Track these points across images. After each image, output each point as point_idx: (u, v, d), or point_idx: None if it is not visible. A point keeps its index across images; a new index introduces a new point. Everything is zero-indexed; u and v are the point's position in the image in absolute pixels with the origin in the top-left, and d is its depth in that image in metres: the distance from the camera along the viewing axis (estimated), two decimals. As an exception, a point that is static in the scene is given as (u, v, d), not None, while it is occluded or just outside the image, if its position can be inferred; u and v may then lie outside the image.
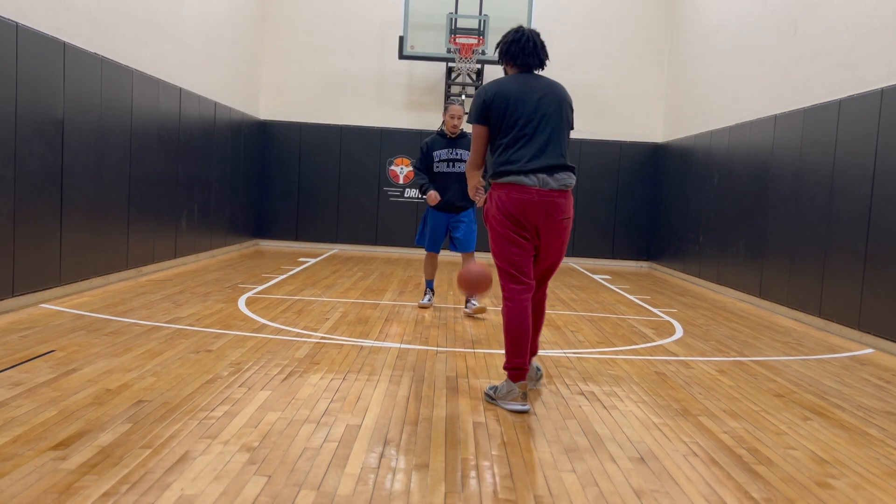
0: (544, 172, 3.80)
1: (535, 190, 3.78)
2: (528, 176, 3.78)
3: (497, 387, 3.99)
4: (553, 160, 3.83)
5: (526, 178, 3.78)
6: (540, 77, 4.01)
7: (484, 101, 3.88)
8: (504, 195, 3.82)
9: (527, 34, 3.96)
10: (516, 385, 3.85)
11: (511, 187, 3.80)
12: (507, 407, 3.85)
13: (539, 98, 3.88)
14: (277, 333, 5.51)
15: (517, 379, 3.85)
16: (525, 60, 3.96)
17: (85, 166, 6.93)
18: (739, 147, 9.57)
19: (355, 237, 13.36)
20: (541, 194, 3.79)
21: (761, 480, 3.04)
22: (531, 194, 3.78)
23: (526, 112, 3.84)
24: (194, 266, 9.51)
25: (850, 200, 6.86)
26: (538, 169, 3.79)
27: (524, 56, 3.95)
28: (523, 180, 3.78)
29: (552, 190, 3.81)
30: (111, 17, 7.50)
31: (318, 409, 3.69)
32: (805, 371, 5.23)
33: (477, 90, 3.97)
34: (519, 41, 3.94)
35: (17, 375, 3.98)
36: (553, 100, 3.92)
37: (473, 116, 3.95)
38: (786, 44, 8.55)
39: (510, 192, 3.80)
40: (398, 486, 2.79)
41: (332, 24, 13.22)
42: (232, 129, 11.36)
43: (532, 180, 3.78)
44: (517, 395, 3.85)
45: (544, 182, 3.79)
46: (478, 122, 3.93)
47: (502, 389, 3.92)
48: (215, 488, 2.66)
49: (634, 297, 8.92)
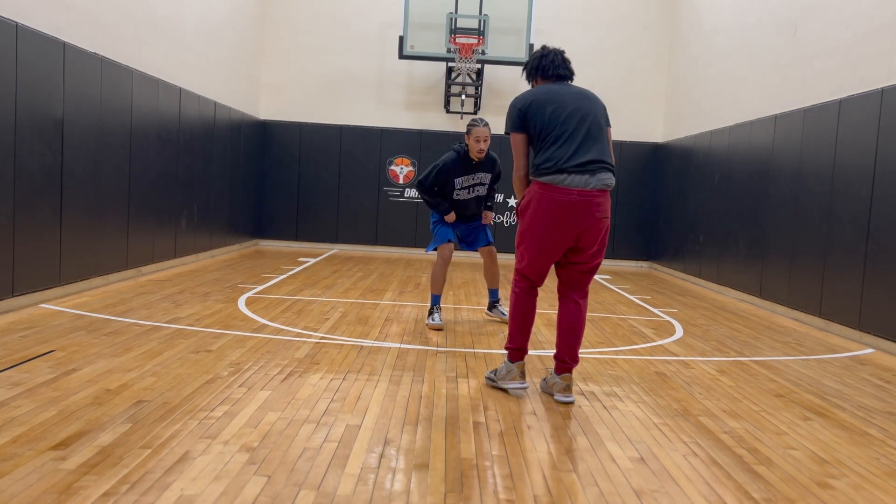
0: (587, 171, 3.82)
1: (576, 191, 3.80)
2: (570, 175, 3.80)
3: (497, 370, 4.27)
4: (596, 156, 3.86)
5: (568, 178, 3.80)
6: (571, 84, 4.14)
7: (520, 110, 3.95)
8: (546, 196, 3.83)
9: (553, 50, 4.16)
10: (515, 365, 4.11)
11: (552, 188, 3.82)
12: (507, 386, 4.12)
13: (575, 99, 3.97)
14: (277, 333, 5.51)
15: (517, 359, 4.11)
16: (556, 71, 4.12)
17: (85, 166, 6.93)
18: (739, 147, 9.57)
19: (355, 237, 13.36)
20: (582, 195, 3.81)
21: (761, 480, 3.04)
22: (572, 195, 3.80)
23: (564, 113, 3.89)
24: (194, 266, 9.51)
25: (850, 200, 6.86)
26: (581, 165, 3.81)
27: (554, 67, 4.11)
28: (565, 181, 3.80)
29: (593, 190, 3.83)
30: (111, 17, 7.50)
31: (318, 409, 3.69)
32: (805, 371, 5.23)
33: (511, 103, 4.06)
34: (548, 56, 4.13)
35: (17, 375, 3.98)
36: (587, 101, 4.01)
37: (511, 126, 4.00)
38: (786, 44, 8.55)
39: (552, 193, 3.82)
40: (398, 486, 2.79)
41: (332, 24, 13.22)
42: (232, 129, 11.36)
43: (573, 180, 3.80)
44: (516, 374, 4.12)
45: (586, 182, 3.81)
46: (515, 130, 3.98)
47: (502, 370, 4.18)
48: (215, 488, 2.66)
49: (634, 297, 8.92)
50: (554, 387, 4.09)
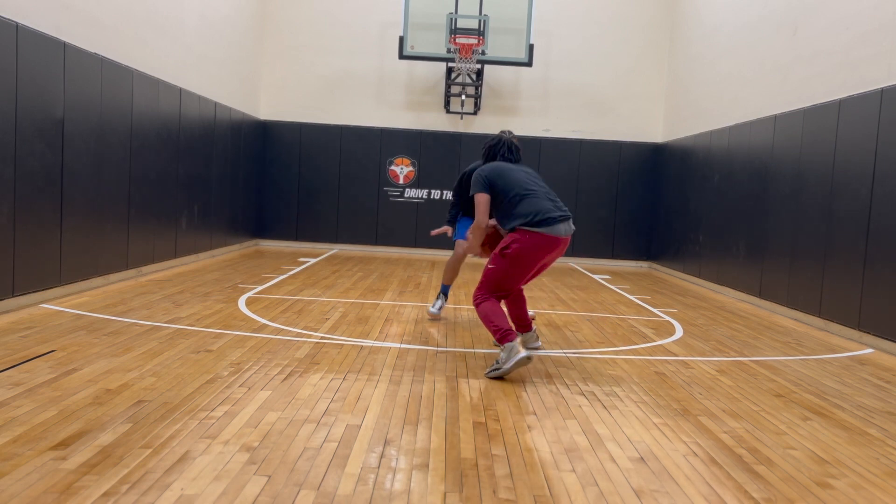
0: (566, 222, 4.70)
1: (561, 239, 4.68)
2: (556, 225, 4.63)
3: (496, 361, 4.50)
4: (565, 210, 4.77)
5: (556, 227, 4.62)
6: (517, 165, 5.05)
7: (486, 177, 4.78)
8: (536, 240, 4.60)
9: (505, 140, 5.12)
10: (514, 343, 4.41)
11: (542, 236, 4.61)
12: (513, 362, 4.34)
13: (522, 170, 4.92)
14: (277, 333, 5.51)
15: (511, 338, 4.44)
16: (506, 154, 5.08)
17: (85, 166, 6.93)
18: (739, 147, 9.57)
19: (355, 237, 13.36)
20: (564, 241, 4.71)
21: (761, 480, 3.04)
22: (558, 242, 4.66)
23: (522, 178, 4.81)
24: (194, 266, 9.51)
25: (850, 200, 6.86)
26: (561, 217, 4.67)
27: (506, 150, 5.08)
28: (553, 230, 4.61)
29: (567, 236, 4.71)
30: (111, 17, 7.50)
31: (318, 409, 3.69)
32: (805, 371, 5.23)
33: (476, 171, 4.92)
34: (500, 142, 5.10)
35: (17, 375, 3.98)
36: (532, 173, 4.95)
37: (479, 188, 4.79)
38: (786, 44, 8.55)
39: (542, 239, 4.61)
40: (398, 486, 2.79)
41: (333, 24, 13.23)
42: (232, 129, 11.36)
43: (558, 229, 4.64)
44: (517, 349, 4.40)
45: (565, 230, 4.69)
46: (482, 191, 4.78)
47: (503, 356, 4.43)
48: (215, 488, 2.66)
49: (634, 297, 8.92)
50: (527, 343, 5.29)
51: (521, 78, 13.25)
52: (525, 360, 4.36)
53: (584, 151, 13.14)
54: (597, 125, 13.33)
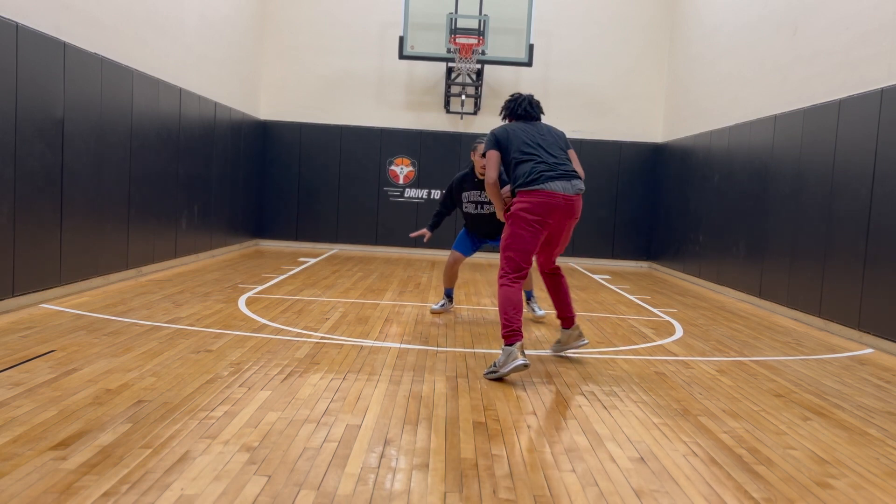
0: (564, 178, 4.61)
1: (560, 195, 4.57)
2: (552, 181, 4.57)
3: (495, 362, 4.47)
4: (567, 168, 4.68)
5: (551, 184, 4.56)
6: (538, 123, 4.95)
7: (497, 136, 4.78)
8: (534, 199, 4.55)
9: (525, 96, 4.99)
10: (514, 347, 4.35)
11: (539, 193, 4.55)
12: (510, 368, 4.31)
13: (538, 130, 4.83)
14: (277, 333, 5.51)
15: (516, 340, 4.38)
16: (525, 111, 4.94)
17: (85, 166, 6.93)
18: (739, 147, 9.57)
19: (355, 237, 13.36)
20: (565, 199, 4.60)
21: (761, 480, 3.04)
22: (557, 199, 4.57)
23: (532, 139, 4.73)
24: (194, 266, 9.51)
25: (850, 200, 6.86)
26: (559, 174, 4.60)
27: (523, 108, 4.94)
28: (551, 186, 4.56)
29: (571, 194, 4.62)
30: (111, 17, 7.50)
31: (318, 409, 3.69)
32: (805, 371, 5.23)
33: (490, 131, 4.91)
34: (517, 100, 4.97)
35: (17, 375, 3.98)
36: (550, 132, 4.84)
37: (490, 146, 4.80)
38: (786, 44, 8.55)
39: (539, 197, 4.55)
40: (398, 486, 2.79)
41: (332, 24, 13.23)
42: (232, 129, 11.36)
43: (555, 185, 4.57)
44: (517, 354, 4.34)
45: (564, 188, 4.59)
46: (493, 148, 4.79)
47: (501, 359, 4.41)
48: (215, 488, 2.66)
49: (634, 297, 8.92)
50: (570, 339, 5.13)
51: (521, 78, 13.24)
52: (522, 368, 4.33)
53: (584, 151, 13.13)
54: (597, 125, 13.33)
